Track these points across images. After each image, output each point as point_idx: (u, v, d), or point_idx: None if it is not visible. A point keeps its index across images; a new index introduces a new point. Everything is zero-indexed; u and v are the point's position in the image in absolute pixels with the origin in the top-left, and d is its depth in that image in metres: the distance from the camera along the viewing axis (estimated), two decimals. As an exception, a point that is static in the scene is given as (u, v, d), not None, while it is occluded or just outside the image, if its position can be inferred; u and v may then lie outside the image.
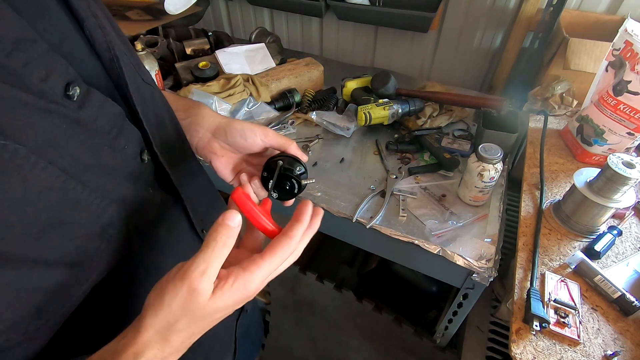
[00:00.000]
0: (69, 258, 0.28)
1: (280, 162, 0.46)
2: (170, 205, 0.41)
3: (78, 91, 0.27)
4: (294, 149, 0.47)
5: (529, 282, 0.62)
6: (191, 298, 0.29)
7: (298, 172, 0.47)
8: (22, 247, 0.24)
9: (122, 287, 0.36)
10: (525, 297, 0.59)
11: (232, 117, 0.55)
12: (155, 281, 0.31)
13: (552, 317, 0.57)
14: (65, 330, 0.30)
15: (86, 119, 0.28)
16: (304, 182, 0.47)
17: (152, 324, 0.29)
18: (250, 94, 1.05)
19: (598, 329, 0.57)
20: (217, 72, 1.11)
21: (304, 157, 0.48)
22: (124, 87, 0.33)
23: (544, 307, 0.57)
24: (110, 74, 0.33)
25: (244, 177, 0.49)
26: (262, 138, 0.47)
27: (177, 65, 1.13)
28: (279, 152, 0.48)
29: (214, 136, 0.49)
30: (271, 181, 0.46)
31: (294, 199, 0.49)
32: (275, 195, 0.47)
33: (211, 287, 0.30)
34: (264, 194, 0.49)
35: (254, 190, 0.49)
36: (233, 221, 0.32)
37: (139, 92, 0.35)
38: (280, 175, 0.46)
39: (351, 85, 1.05)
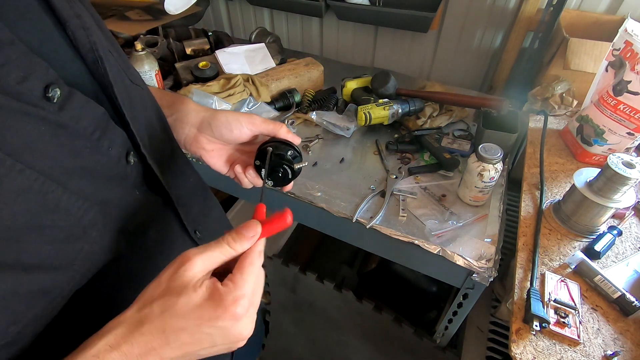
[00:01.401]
0: (49, 261, 0.27)
1: (270, 149, 0.45)
2: (160, 207, 0.41)
3: (58, 93, 0.27)
4: (284, 133, 0.46)
5: (529, 282, 0.62)
6: (180, 268, 0.30)
7: (289, 157, 0.46)
8: None
9: (111, 291, 0.35)
10: (525, 297, 0.59)
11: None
12: (146, 284, 0.31)
13: (552, 317, 0.57)
14: (49, 334, 0.30)
15: (67, 121, 0.28)
16: (296, 166, 0.45)
17: (137, 300, 0.29)
18: (250, 94, 1.05)
19: (598, 329, 0.57)
20: (217, 72, 1.11)
21: (295, 140, 0.47)
22: (109, 88, 0.33)
23: (544, 307, 0.57)
24: (94, 75, 0.32)
25: (238, 168, 0.49)
26: (249, 127, 0.46)
27: (177, 65, 1.13)
28: (270, 137, 0.47)
29: (199, 131, 0.48)
30: (263, 170, 0.45)
31: (291, 183, 0.48)
32: (270, 183, 0.47)
33: (200, 270, 0.30)
34: (259, 182, 0.49)
35: (250, 180, 0.49)
36: (248, 230, 0.33)
37: (126, 93, 0.35)
38: (271, 163, 0.45)
39: (351, 85, 1.05)
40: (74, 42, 0.31)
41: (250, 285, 0.32)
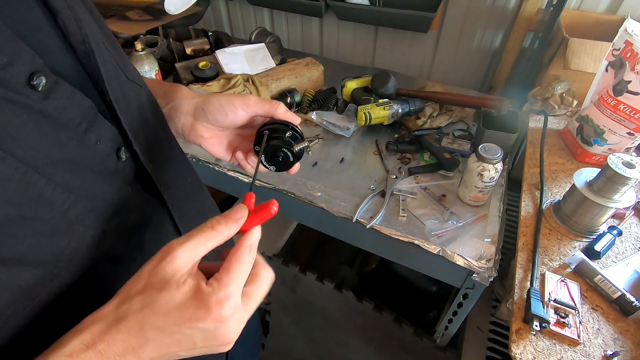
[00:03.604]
0: (32, 256, 0.26)
1: (267, 133, 0.43)
2: (154, 207, 0.40)
3: (44, 81, 0.26)
4: (282, 113, 0.43)
5: (529, 282, 0.62)
6: (161, 262, 0.28)
7: (288, 139, 0.43)
8: None
9: (109, 293, 0.35)
10: (525, 297, 0.59)
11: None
12: None
13: (552, 317, 0.57)
14: (41, 334, 0.29)
15: (51, 111, 0.27)
16: (296, 148, 0.43)
17: (117, 296, 0.28)
18: (250, 94, 1.05)
19: (598, 329, 0.57)
20: (217, 72, 1.11)
21: (294, 119, 0.44)
22: (100, 82, 0.32)
23: (544, 307, 0.57)
24: (85, 68, 0.32)
25: (239, 155, 0.47)
26: (243, 108, 0.44)
27: (177, 65, 1.13)
28: (269, 119, 0.45)
29: (195, 119, 0.46)
30: (263, 156, 0.43)
31: (296, 166, 0.46)
32: (273, 168, 0.45)
33: (184, 262, 0.28)
34: (263, 169, 0.47)
35: (252, 167, 0.47)
36: (235, 212, 0.31)
37: (121, 89, 0.34)
38: (270, 148, 0.42)
39: (351, 85, 1.05)
40: (65, 33, 0.30)
41: (238, 284, 0.30)
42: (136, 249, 0.37)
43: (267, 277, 0.33)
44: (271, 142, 0.43)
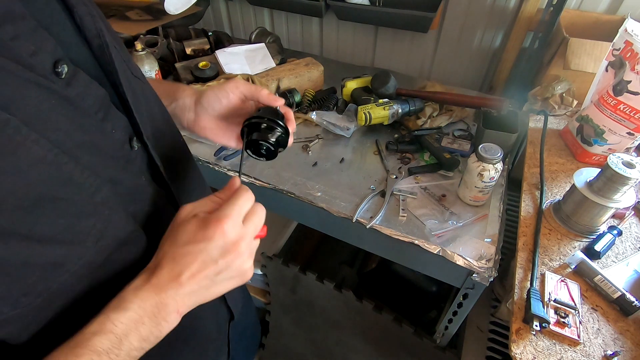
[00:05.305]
0: (62, 235, 0.28)
1: (246, 130, 0.47)
2: (163, 197, 0.41)
3: (66, 69, 0.27)
4: (264, 97, 0.48)
5: (529, 282, 0.62)
6: (176, 217, 0.36)
7: (264, 130, 0.47)
8: (13, 221, 0.24)
9: (132, 275, 0.35)
10: (525, 297, 0.59)
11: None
12: None
13: (552, 317, 0.57)
14: (65, 319, 0.30)
15: (74, 97, 0.28)
16: (271, 138, 0.46)
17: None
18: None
19: (598, 329, 0.57)
20: (217, 72, 1.11)
21: (277, 102, 0.48)
22: (114, 73, 0.33)
23: (544, 307, 0.57)
24: (99, 61, 0.33)
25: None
26: (233, 91, 0.48)
27: (177, 65, 1.13)
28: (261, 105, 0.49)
29: (197, 113, 0.50)
30: (250, 151, 0.48)
31: (289, 141, 0.49)
32: (263, 159, 0.49)
33: (190, 211, 0.36)
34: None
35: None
36: (231, 184, 0.41)
37: (128, 83, 0.36)
38: (250, 142, 0.47)
39: (351, 85, 1.05)
40: (80, 27, 0.31)
41: (235, 208, 0.35)
42: (149, 235, 0.38)
43: (261, 210, 0.39)
44: (250, 137, 0.47)
